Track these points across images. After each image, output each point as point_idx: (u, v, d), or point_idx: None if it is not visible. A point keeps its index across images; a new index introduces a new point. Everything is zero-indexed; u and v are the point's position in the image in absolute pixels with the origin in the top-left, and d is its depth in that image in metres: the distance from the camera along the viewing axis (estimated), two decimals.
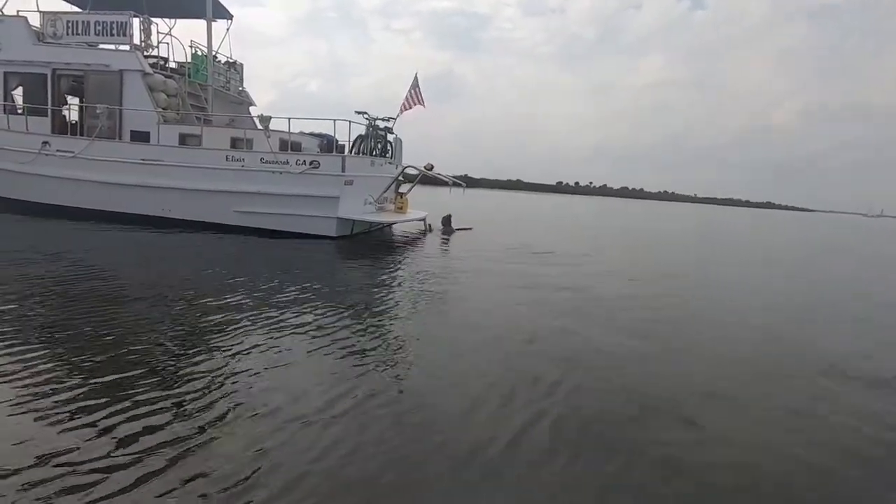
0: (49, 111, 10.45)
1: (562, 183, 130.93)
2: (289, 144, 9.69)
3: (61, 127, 10.56)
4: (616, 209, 40.38)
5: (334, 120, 9.59)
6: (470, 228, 12.96)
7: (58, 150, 10.06)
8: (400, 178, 12.36)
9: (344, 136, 10.96)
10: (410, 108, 11.66)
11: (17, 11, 10.66)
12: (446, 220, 12.77)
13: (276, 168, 9.27)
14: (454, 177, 12.22)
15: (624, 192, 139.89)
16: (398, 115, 11.36)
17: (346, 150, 10.76)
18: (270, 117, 9.35)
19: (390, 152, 12.06)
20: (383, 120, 11.01)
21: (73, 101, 11.07)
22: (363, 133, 10.77)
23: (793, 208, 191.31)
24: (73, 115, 11.12)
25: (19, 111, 10.74)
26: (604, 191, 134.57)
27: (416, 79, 11.38)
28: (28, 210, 10.30)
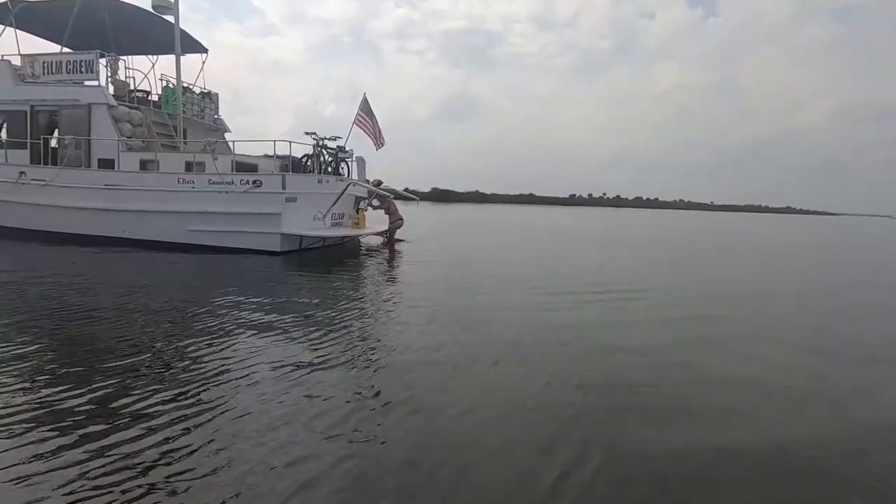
0: (28, 144, 11.44)
1: (575, 195, 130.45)
2: (234, 165, 10.34)
3: (38, 158, 11.53)
4: (611, 224, 39.94)
5: (274, 141, 10.29)
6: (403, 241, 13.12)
7: (32, 179, 10.99)
8: (364, 195, 12.97)
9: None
10: (375, 138, 12.19)
11: (2, 56, 11.80)
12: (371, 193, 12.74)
13: (221, 188, 9.94)
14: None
15: (638, 203, 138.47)
16: (349, 134, 11.96)
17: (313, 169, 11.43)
18: (216, 141, 10.10)
19: (346, 170, 12.69)
20: (331, 139, 11.62)
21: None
22: (309, 152, 11.43)
23: (813, 212, 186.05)
24: (51, 146, 12.13)
25: (3, 145, 11.80)
26: (617, 202, 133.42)
27: (365, 101, 11.92)
28: (8, 235, 11.20)
